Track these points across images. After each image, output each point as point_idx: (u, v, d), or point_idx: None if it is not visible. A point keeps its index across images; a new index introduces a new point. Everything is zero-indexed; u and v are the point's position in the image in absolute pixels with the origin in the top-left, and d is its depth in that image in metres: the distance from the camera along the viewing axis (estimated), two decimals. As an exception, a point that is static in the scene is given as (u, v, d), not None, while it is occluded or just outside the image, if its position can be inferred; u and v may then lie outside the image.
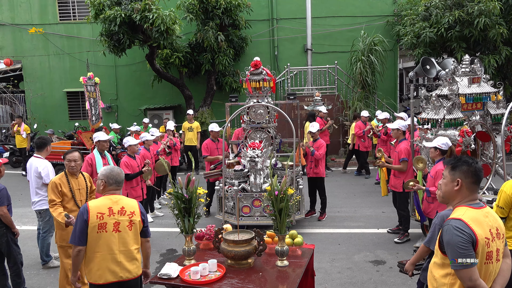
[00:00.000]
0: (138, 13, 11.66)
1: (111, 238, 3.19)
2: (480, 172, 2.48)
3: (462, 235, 2.25)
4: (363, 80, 13.20)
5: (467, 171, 2.47)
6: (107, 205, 3.24)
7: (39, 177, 5.48)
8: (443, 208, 4.72)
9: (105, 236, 3.18)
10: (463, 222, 2.30)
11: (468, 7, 10.88)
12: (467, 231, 2.27)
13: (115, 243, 3.20)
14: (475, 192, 2.48)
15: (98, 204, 3.25)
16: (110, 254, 3.19)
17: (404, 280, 4.99)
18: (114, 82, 16.28)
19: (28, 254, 6.10)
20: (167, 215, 8.06)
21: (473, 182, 2.47)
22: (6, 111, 17.81)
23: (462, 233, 2.26)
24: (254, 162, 6.56)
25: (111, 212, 3.21)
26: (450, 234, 2.29)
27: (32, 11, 16.08)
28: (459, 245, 2.25)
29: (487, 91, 5.80)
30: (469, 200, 2.46)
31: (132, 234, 3.27)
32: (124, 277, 3.22)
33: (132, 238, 3.28)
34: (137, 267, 3.30)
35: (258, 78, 7.13)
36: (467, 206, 2.42)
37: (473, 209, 2.40)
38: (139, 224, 3.31)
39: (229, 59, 13.71)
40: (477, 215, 2.37)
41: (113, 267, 3.19)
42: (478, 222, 2.33)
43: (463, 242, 2.25)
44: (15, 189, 9.98)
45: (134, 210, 3.31)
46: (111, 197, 3.30)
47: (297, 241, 3.86)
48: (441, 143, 5.03)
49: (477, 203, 2.45)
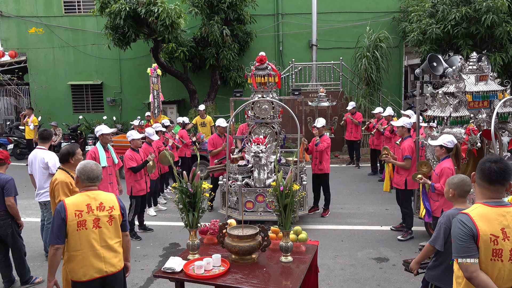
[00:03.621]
0: (143, 6, 11.63)
1: (91, 235, 3.15)
2: (487, 170, 2.46)
3: (463, 228, 2.37)
4: (368, 76, 13.13)
5: (478, 167, 2.52)
6: (85, 202, 3.17)
7: (45, 167, 5.49)
8: (448, 207, 4.70)
9: (85, 234, 3.14)
10: (468, 216, 2.40)
11: (475, 4, 10.77)
12: (468, 224, 2.37)
13: (96, 240, 3.16)
14: (486, 189, 2.49)
15: (75, 201, 3.18)
16: (92, 251, 3.15)
17: (407, 278, 4.99)
18: (118, 75, 16.27)
19: (32, 245, 6.13)
20: (170, 209, 8.08)
21: (480, 177, 2.50)
22: (10, 103, 17.86)
23: (463, 226, 2.38)
24: (258, 158, 6.54)
25: (89, 209, 3.16)
26: (454, 226, 2.44)
27: (37, 3, 16.06)
28: (458, 237, 2.38)
29: (494, 89, 5.75)
30: (487, 198, 2.49)
31: (112, 229, 3.25)
32: (109, 272, 3.21)
33: (113, 233, 3.25)
34: (120, 260, 3.31)
35: (263, 73, 7.11)
36: (482, 203, 2.47)
37: (487, 206, 2.44)
38: (119, 218, 3.28)
39: (234, 54, 13.67)
40: (488, 212, 2.40)
41: (97, 263, 3.16)
42: (486, 219, 2.38)
43: (462, 234, 2.36)
44: (19, 181, 9.97)
45: (113, 205, 3.27)
46: (88, 193, 3.23)
47: (301, 237, 3.85)
48: (447, 141, 4.99)
49: (496, 202, 2.46)
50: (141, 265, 5.62)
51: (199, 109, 11.72)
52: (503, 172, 2.45)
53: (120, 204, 3.34)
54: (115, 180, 6.11)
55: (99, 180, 3.31)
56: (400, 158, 6.31)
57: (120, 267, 3.30)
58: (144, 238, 6.64)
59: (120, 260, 3.31)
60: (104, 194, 3.31)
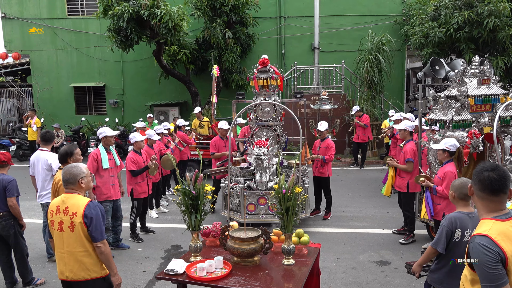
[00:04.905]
0: (146, 9, 11.68)
1: (57, 237, 3.18)
2: (487, 180, 2.27)
3: (489, 253, 2.10)
4: (370, 79, 13.15)
5: (475, 178, 2.34)
6: (57, 203, 3.21)
7: (48, 169, 5.51)
8: (450, 210, 4.70)
9: (54, 234, 3.20)
10: (490, 239, 2.13)
11: (478, 8, 10.78)
12: (494, 248, 2.10)
13: (61, 242, 3.17)
14: (489, 201, 2.29)
15: (54, 202, 3.26)
16: (59, 252, 3.20)
17: (409, 281, 4.98)
18: (121, 77, 16.33)
19: (34, 247, 6.14)
20: (172, 211, 8.09)
21: (479, 189, 2.31)
22: (13, 104, 17.92)
23: (489, 251, 2.10)
24: (260, 160, 6.55)
25: (57, 211, 3.17)
26: (477, 252, 2.14)
27: (40, 6, 16.16)
28: (487, 264, 2.10)
29: (496, 93, 5.75)
30: (492, 211, 2.28)
31: (74, 236, 3.11)
32: (69, 278, 3.15)
33: (76, 240, 3.12)
34: (84, 270, 3.14)
35: (265, 76, 7.12)
36: (493, 219, 2.24)
37: (500, 221, 2.22)
38: (80, 226, 3.09)
39: (236, 57, 13.71)
40: (504, 228, 2.19)
41: (61, 265, 3.20)
42: (506, 236, 2.16)
43: (491, 261, 2.09)
44: (21, 182, 10.00)
45: (77, 211, 3.11)
46: (64, 195, 3.23)
47: (303, 240, 3.85)
48: (449, 145, 4.99)
49: (504, 214, 2.27)
50: (142, 267, 5.62)
51: (195, 111, 11.77)
52: (504, 179, 2.26)
53: (85, 212, 3.10)
54: (117, 182, 6.11)
55: (72, 184, 3.19)
56: (402, 161, 6.31)
57: (83, 277, 3.14)
58: (146, 240, 6.65)
59: (84, 270, 3.14)
60: (74, 199, 3.17)
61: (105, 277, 3.27)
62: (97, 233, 3.14)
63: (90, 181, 3.35)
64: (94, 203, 3.22)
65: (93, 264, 3.19)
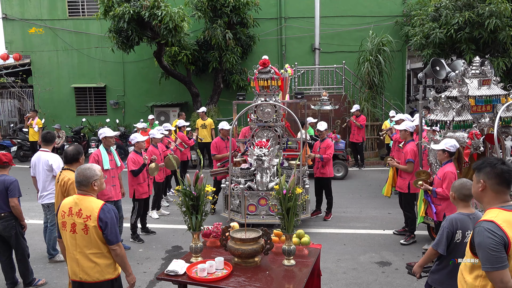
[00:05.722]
0: (147, 10, 11.69)
1: (69, 238, 3.16)
2: (507, 173, 2.41)
3: (494, 237, 2.23)
4: (370, 80, 13.15)
5: (490, 172, 2.44)
6: (69, 204, 3.19)
7: (49, 170, 5.51)
8: (450, 211, 4.70)
9: (66, 235, 3.18)
10: (495, 224, 2.26)
11: (478, 8, 10.78)
12: (499, 233, 2.23)
13: (73, 244, 3.16)
14: (504, 193, 2.42)
15: (66, 202, 3.23)
16: (71, 253, 3.19)
17: (410, 282, 4.97)
18: (122, 78, 16.35)
19: (35, 248, 6.15)
20: (173, 212, 8.09)
21: (498, 183, 2.42)
22: (14, 105, 17.95)
23: (494, 235, 2.23)
24: (261, 161, 6.55)
25: (70, 212, 3.15)
26: (482, 236, 2.27)
27: (41, 7, 16.17)
28: (490, 246, 2.22)
29: (497, 94, 5.75)
30: (501, 202, 2.42)
31: (88, 238, 3.11)
32: (83, 279, 3.16)
33: (90, 242, 3.12)
34: (98, 272, 3.15)
35: (266, 76, 7.13)
36: (499, 209, 2.37)
37: (506, 211, 2.35)
38: (95, 229, 3.09)
39: (237, 57, 13.72)
40: (510, 218, 2.32)
41: (74, 266, 3.18)
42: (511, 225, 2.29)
43: (495, 244, 2.22)
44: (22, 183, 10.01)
45: (91, 215, 3.09)
46: (76, 196, 3.21)
47: (304, 240, 3.85)
48: (449, 145, 5.00)
49: (510, 205, 2.39)
50: (143, 267, 5.62)
51: (199, 111, 11.78)
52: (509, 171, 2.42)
53: (100, 216, 3.09)
54: (118, 183, 6.12)
55: (85, 186, 3.18)
56: (403, 162, 6.31)
57: (97, 279, 3.15)
58: (146, 240, 6.65)
59: (99, 272, 3.15)
60: (88, 202, 3.15)
61: (116, 278, 3.30)
62: (113, 236, 3.14)
63: (103, 183, 3.33)
64: (108, 206, 3.20)
65: (107, 265, 3.20)
